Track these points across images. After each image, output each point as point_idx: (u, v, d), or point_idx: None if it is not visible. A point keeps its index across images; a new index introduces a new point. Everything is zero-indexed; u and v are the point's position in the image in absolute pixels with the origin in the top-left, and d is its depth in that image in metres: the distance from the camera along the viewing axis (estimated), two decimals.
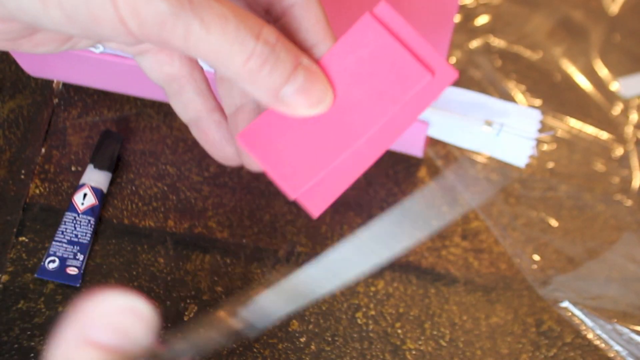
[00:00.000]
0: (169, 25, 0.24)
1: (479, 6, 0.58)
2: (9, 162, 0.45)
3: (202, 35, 0.24)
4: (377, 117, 0.28)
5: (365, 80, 0.28)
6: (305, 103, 0.27)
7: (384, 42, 0.28)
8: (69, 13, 0.23)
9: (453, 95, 0.45)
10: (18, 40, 0.28)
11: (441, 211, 0.51)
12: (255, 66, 0.26)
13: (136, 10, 0.23)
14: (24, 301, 0.41)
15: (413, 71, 0.28)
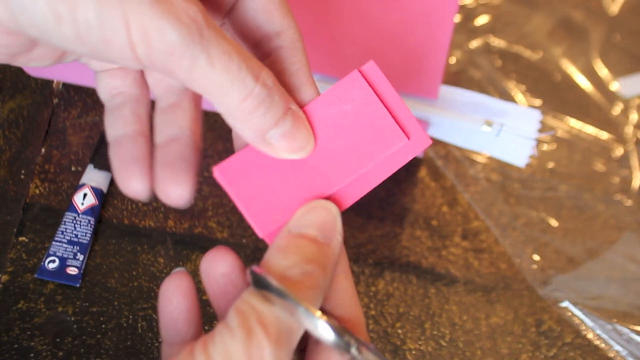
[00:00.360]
0: (177, 56, 0.24)
1: (479, 6, 0.58)
2: (9, 162, 0.45)
3: (206, 69, 0.25)
4: (351, 171, 0.30)
5: (345, 134, 0.30)
6: (289, 147, 0.29)
7: (368, 100, 0.30)
8: (81, 33, 0.24)
9: (453, 95, 0.45)
10: (15, 56, 0.28)
11: (441, 211, 0.51)
12: (251, 107, 0.26)
13: (147, 38, 0.24)
14: (24, 301, 0.41)
15: (391, 133, 0.30)
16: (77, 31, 0.24)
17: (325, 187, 0.30)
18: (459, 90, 0.45)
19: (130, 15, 0.23)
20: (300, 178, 0.30)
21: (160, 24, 0.23)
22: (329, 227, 0.28)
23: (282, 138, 0.28)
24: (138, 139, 0.31)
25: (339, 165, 0.30)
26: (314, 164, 0.30)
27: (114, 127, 0.31)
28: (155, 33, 0.23)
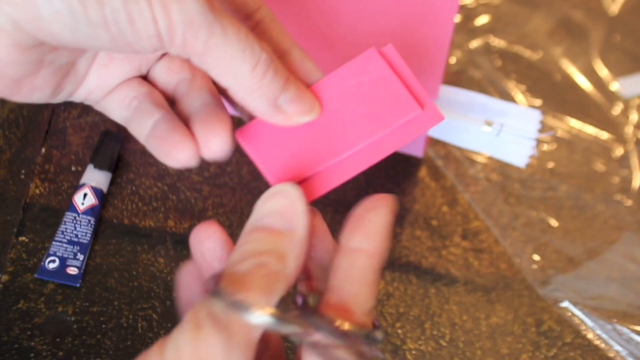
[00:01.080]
0: (195, 26, 0.26)
1: (479, 6, 0.58)
2: (9, 162, 0.45)
3: (221, 39, 0.26)
4: (365, 135, 0.31)
5: (361, 102, 0.31)
6: (299, 109, 0.30)
7: (384, 74, 0.31)
8: (107, 14, 0.25)
9: (453, 95, 0.45)
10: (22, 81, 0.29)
11: (441, 211, 0.51)
12: (260, 73, 0.28)
13: (168, 10, 0.25)
14: (24, 301, 0.41)
15: (406, 102, 0.31)
16: (103, 14, 0.25)
17: (339, 149, 0.31)
18: (459, 90, 0.45)
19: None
20: (316, 141, 0.31)
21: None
22: (288, 213, 0.28)
23: (291, 102, 0.30)
24: (168, 116, 0.32)
25: (354, 130, 0.31)
26: (330, 128, 0.31)
27: (140, 124, 0.32)
28: (176, 5, 0.25)
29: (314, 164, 0.31)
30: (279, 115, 0.30)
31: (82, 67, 0.32)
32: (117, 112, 0.34)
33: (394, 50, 0.32)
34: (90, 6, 0.25)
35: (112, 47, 0.27)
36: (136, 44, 0.26)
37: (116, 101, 0.34)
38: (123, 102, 0.34)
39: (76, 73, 0.32)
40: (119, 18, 0.25)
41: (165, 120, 0.32)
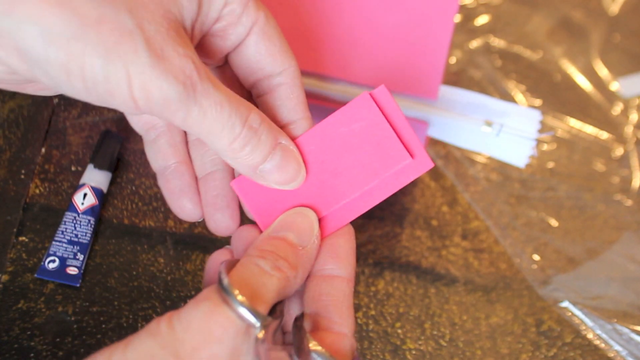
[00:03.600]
0: (173, 108, 0.27)
1: (479, 6, 0.58)
2: (9, 162, 0.45)
3: (199, 119, 0.28)
4: (357, 186, 0.32)
5: (353, 151, 0.31)
6: (279, 179, 0.31)
7: (376, 121, 0.31)
8: (89, 86, 0.26)
9: (453, 95, 0.45)
10: (23, 84, 0.30)
11: (441, 211, 0.51)
12: (239, 147, 0.29)
13: (147, 93, 0.26)
14: (24, 301, 0.41)
15: (396, 152, 0.31)
16: (85, 84, 0.26)
17: (331, 200, 0.32)
18: (459, 91, 0.45)
19: (132, 74, 0.26)
20: (309, 191, 0.32)
21: (158, 83, 0.26)
22: (305, 231, 0.30)
23: (272, 171, 0.31)
24: (180, 168, 0.35)
25: (346, 180, 0.32)
26: (322, 178, 0.32)
27: (156, 159, 0.35)
28: (154, 89, 0.26)
29: None
30: (260, 180, 0.31)
31: None
32: (136, 126, 0.37)
33: (386, 92, 0.32)
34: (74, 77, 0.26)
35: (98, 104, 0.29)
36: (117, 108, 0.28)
37: (136, 119, 0.36)
38: (142, 124, 0.36)
39: None
40: (99, 91, 0.26)
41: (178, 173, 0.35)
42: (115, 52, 0.25)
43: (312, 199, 0.32)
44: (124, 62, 0.25)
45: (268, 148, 0.30)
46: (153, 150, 0.35)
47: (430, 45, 0.44)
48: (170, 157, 0.35)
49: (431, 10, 0.44)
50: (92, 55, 0.25)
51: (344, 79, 0.44)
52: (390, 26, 0.44)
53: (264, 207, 0.32)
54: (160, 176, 0.35)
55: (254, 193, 0.32)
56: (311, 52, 0.44)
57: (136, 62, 0.26)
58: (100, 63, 0.25)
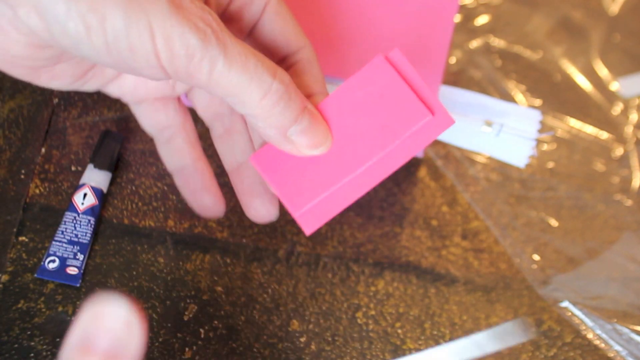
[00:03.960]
0: (197, 58, 0.26)
1: (479, 6, 0.58)
2: (9, 162, 0.45)
3: (225, 70, 0.26)
4: (378, 148, 0.30)
5: (371, 113, 0.31)
6: (309, 143, 0.30)
7: (393, 81, 0.30)
8: (109, 41, 0.25)
9: (453, 95, 0.45)
10: (39, 70, 0.29)
11: (441, 211, 0.51)
12: (271, 102, 0.28)
13: (170, 43, 0.25)
14: (24, 301, 0.41)
15: (416, 110, 0.30)
16: (106, 40, 0.25)
17: (352, 165, 0.31)
18: (459, 90, 0.45)
19: (154, 24, 0.25)
20: (329, 159, 0.31)
21: (181, 30, 0.25)
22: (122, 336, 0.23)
23: (302, 134, 0.30)
24: (198, 165, 0.34)
25: (366, 143, 0.31)
26: (342, 144, 0.31)
27: (172, 159, 0.35)
28: (177, 38, 0.25)
29: (329, 182, 0.31)
30: (288, 145, 0.30)
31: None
32: (148, 127, 0.35)
33: (400, 55, 0.31)
34: (94, 31, 0.25)
35: (119, 69, 0.27)
36: (139, 71, 0.27)
37: (149, 117, 0.35)
38: (155, 124, 0.35)
39: (104, 69, 0.32)
40: (121, 46, 0.25)
41: (198, 171, 0.34)
42: (137, 1, 0.25)
43: (334, 165, 0.31)
44: (146, 13, 0.25)
45: (299, 108, 0.29)
46: (169, 150, 0.34)
47: (430, 45, 0.44)
48: (187, 156, 0.34)
49: (431, 10, 0.44)
50: (112, 5, 0.24)
51: (344, 78, 0.44)
52: (390, 26, 0.44)
53: (286, 180, 0.31)
54: (179, 176, 0.35)
55: (275, 166, 0.31)
56: None
57: (157, 12, 0.25)
58: (121, 14, 0.25)
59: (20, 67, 0.29)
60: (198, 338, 0.41)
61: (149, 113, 0.35)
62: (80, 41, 0.25)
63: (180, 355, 0.41)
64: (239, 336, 0.42)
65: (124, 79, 0.33)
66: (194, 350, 0.41)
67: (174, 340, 0.41)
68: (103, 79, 0.32)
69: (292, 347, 0.42)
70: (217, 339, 0.42)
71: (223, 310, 0.43)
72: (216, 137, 0.35)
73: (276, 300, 0.43)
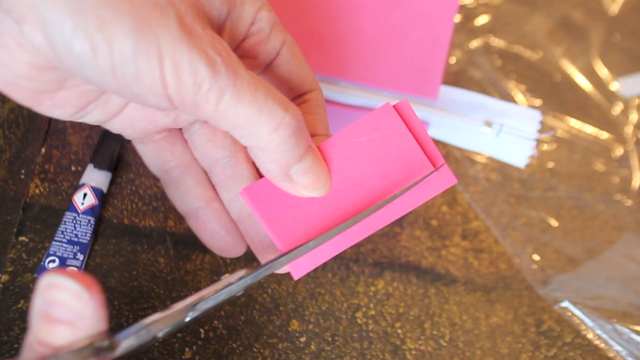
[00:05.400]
0: (205, 88, 0.25)
1: (479, 6, 0.58)
2: (9, 162, 0.45)
3: (233, 102, 0.25)
4: (377, 198, 0.30)
5: (373, 160, 0.30)
6: (309, 184, 0.29)
7: (398, 131, 0.30)
8: (115, 64, 0.24)
9: (453, 95, 0.45)
10: (41, 95, 0.28)
11: (441, 211, 0.51)
12: (281, 137, 0.27)
13: (178, 70, 0.24)
14: (24, 301, 0.41)
15: (419, 163, 0.30)
16: (112, 62, 0.24)
17: (348, 211, 0.30)
18: (459, 91, 0.45)
19: (164, 49, 0.24)
20: (326, 201, 0.30)
21: (190, 57, 0.24)
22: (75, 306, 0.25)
23: (303, 174, 0.29)
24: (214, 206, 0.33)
25: (366, 190, 0.30)
26: (340, 188, 0.30)
27: (184, 201, 0.33)
28: (186, 65, 0.24)
29: (323, 226, 0.30)
30: (287, 183, 0.29)
31: (117, 100, 0.31)
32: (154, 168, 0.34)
33: (408, 105, 0.31)
34: (100, 52, 0.24)
35: (123, 95, 0.26)
36: (144, 98, 0.26)
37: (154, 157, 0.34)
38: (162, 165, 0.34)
39: (107, 103, 0.31)
40: (127, 70, 0.24)
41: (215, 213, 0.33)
42: (147, 24, 0.24)
43: (329, 209, 0.30)
44: (156, 36, 0.24)
45: (305, 147, 0.28)
46: (180, 191, 0.33)
47: (430, 45, 0.44)
48: (200, 196, 0.33)
49: (431, 10, 0.44)
50: (122, 25, 0.23)
51: (345, 79, 0.44)
52: (390, 26, 0.44)
53: (277, 216, 0.30)
54: (192, 217, 0.33)
55: (267, 201, 0.30)
56: (311, 53, 0.44)
57: (167, 37, 0.24)
58: (130, 37, 0.23)
59: (23, 90, 0.28)
60: (198, 338, 0.41)
61: (154, 152, 0.33)
62: (85, 62, 0.24)
63: (180, 355, 0.41)
64: (239, 336, 0.42)
65: (125, 113, 0.32)
66: (194, 350, 0.41)
67: (174, 340, 0.41)
68: (105, 113, 0.31)
69: (292, 347, 0.42)
70: (217, 339, 0.42)
71: (223, 310, 0.43)
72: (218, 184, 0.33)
73: (276, 300, 0.43)
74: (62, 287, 0.24)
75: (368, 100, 0.44)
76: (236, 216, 0.33)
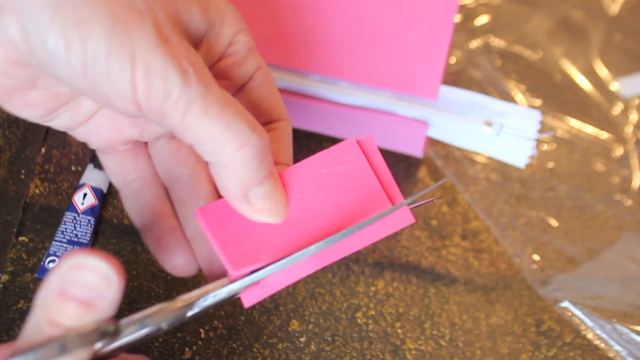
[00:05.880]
0: (174, 97, 0.25)
1: (479, 6, 0.58)
2: (9, 162, 0.45)
3: (200, 114, 0.25)
4: (332, 230, 0.29)
5: (332, 194, 0.30)
6: (266, 209, 0.29)
7: (360, 167, 0.30)
8: (88, 63, 0.24)
9: (453, 95, 0.45)
10: (13, 92, 0.28)
11: (441, 211, 0.51)
12: (246, 157, 0.26)
13: (149, 75, 0.24)
14: (24, 301, 0.41)
15: (378, 200, 0.30)
16: (84, 60, 0.24)
17: (305, 241, 0.29)
18: (459, 91, 0.45)
19: (137, 51, 0.24)
20: (282, 229, 0.29)
21: (163, 64, 0.24)
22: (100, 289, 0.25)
23: (262, 198, 0.28)
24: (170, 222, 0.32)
25: (321, 223, 0.30)
26: (296, 218, 0.30)
27: (140, 215, 0.32)
28: (158, 71, 0.24)
29: (276, 254, 0.29)
30: (244, 205, 0.28)
31: (87, 107, 0.31)
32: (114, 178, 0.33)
33: (372, 142, 0.31)
34: (74, 49, 0.24)
35: (91, 97, 0.26)
36: (112, 100, 0.25)
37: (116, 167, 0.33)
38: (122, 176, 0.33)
39: (78, 108, 0.31)
40: (98, 69, 0.24)
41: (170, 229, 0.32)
42: (123, 25, 0.24)
43: (285, 236, 0.29)
44: (131, 38, 0.24)
45: (268, 171, 0.28)
46: (138, 204, 0.33)
47: (430, 45, 0.44)
48: (158, 211, 0.32)
49: (431, 10, 0.44)
50: (98, 24, 0.23)
51: (344, 79, 0.44)
52: (390, 26, 0.44)
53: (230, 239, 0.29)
54: (148, 233, 0.32)
55: (221, 223, 0.29)
56: (311, 53, 0.44)
57: (142, 40, 0.24)
58: (105, 35, 0.23)
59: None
60: (198, 338, 0.41)
61: (116, 163, 0.33)
62: (57, 58, 0.24)
63: (180, 355, 0.41)
64: (239, 336, 0.42)
65: (93, 121, 0.31)
66: (194, 350, 0.41)
67: (174, 340, 0.41)
68: (74, 118, 0.31)
69: (291, 347, 0.42)
70: (217, 339, 0.42)
71: (223, 310, 0.43)
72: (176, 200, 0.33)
73: (276, 300, 0.43)
74: (90, 267, 0.24)
75: (368, 100, 0.44)
76: (191, 235, 0.32)
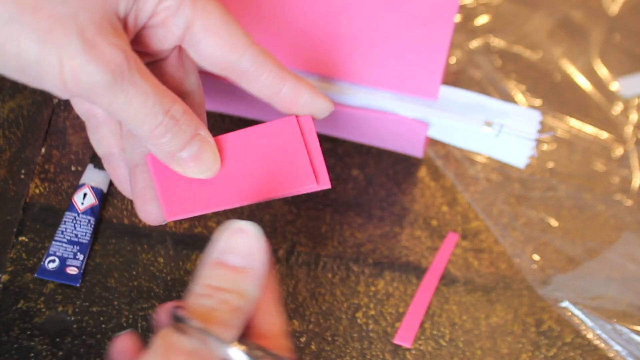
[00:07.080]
0: (100, 92, 0.29)
1: (479, 6, 0.58)
2: (9, 162, 0.45)
3: (124, 105, 0.30)
4: (260, 194, 0.34)
5: (266, 161, 0.34)
6: (195, 168, 0.33)
7: (295, 142, 0.34)
8: (23, 66, 0.28)
9: (453, 95, 0.45)
10: None
11: (441, 211, 0.51)
12: (159, 134, 0.31)
13: (77, 78, 0.28)
14: (24, 301, 0.41)
15: (305, 175, 0.34)
16: (20, 64, 0.28)
17: (234, 199, 0.34)
18: (458, 91, 0.45)
19: (63, 59, 0.28)
20: (214, 185, 0.34)
21: (88, 69, 0.28)
22: (249, 252, 0.29)
23: (189, 159, 0.33)
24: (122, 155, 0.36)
25: (252, 185, 0.34)
26: (230, 177, 0.34)
27: (99, 147, 0.37)
28: (84, 75, 0.28)
29: (207, 205, 0.34)
30: (175, 166, 0.33)
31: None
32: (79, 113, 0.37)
33: (311, 122, 0.34)
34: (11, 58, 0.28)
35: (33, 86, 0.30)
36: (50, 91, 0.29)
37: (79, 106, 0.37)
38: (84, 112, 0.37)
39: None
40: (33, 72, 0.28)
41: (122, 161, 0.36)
42: (49, 37, 0.27)
43: (217, 192, 0.34)
44: (57, 47, 0.27)
45: (187, 137, 0.32)
46: (96, 137, 0.37)
47: (430, 45, 0.44)
48: (113, 145, 0.36)
49: (431, 10, 0.44)
50: (27, 39, 0.27)
51: (344, 79, 0.44)
52: (390, 26, 0.44)
53: (171, 187, 0.34)
54: (106, 161, 0.37)
55: (166, 174, 0.34)
56: (311, 53, 0.44)
57: (68, 49, 0.27)
58: (34, 46, 0.27)
59: None
60: None
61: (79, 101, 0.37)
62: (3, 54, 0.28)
63: None
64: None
65: None
66: None
67: None
68: None
69: (292, 347, 0.42)
70: None
71: None
72: (122, 133, 0.37)
73: None
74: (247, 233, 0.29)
75: (368, 100, 0.44)
76: (129, 163, 0.36)
